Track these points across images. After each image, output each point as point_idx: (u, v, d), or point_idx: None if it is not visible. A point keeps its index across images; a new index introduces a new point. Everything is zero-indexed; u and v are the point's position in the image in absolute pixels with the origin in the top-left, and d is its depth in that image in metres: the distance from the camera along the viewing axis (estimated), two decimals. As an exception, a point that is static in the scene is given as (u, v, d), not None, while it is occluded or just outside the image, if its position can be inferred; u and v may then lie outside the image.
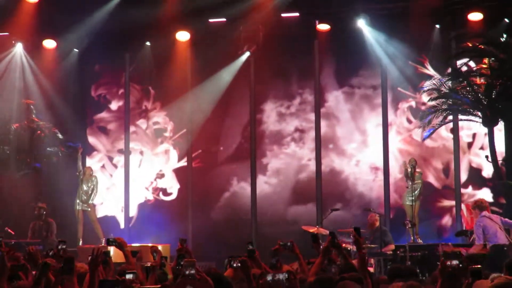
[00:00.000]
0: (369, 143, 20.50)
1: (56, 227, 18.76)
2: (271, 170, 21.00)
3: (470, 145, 19.78)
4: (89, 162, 21.05)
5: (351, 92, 20.73)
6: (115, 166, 21.77)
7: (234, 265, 7.98)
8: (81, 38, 20.75)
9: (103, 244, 18.55)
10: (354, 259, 15.11)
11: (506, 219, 14.29)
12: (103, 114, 22.00)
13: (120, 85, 21.90)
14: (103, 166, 21.79)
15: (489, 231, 13.80)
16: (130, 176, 21.53)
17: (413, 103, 20.12)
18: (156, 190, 21.50)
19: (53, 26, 20.50)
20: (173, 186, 21.51)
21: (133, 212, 21.46)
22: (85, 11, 20.11)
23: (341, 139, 20.66)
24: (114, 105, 21.96)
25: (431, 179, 19.68)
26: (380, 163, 20.10)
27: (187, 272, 5.96)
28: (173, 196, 21.45)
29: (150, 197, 21.48)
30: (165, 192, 21.48)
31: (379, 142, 20.13)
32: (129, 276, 6.93)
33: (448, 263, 6.42)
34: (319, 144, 20.49)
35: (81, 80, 21.80)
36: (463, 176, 19.73)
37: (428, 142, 19.13)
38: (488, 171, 19.15)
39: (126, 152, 21.58)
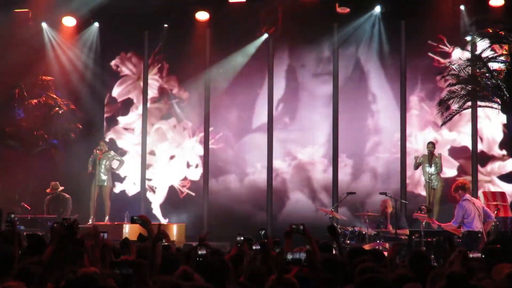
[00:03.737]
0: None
1: (72, 204, 18.87)
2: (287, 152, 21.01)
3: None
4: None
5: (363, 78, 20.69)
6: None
7: (254, 247, 8.09)
8: (100, 15, 20.82)
9: (106, 222, 18.69)
10: (368, 244, 15.23)
11: (488, 210, 14.82)
12: (128, 118, 22.07)
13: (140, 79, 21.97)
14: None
15: (469, 216, 14.50)
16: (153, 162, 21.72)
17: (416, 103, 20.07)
18: (185, 179, 21.55)
19: (72, 4, 20.53)
20: (198, 170, 21.56)
21: (162, 192, 21.59)
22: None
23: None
24: (140, 109, 22.00)
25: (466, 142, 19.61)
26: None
27: None
28: (197, 177, 21.52)
29: (178, 184, 21.55)
30: (191, 175, 21.56)
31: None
32: None
33: (471, 255, 6.43)
34: (337, 127, 20.45)
35: (102, 66, 21.94)
36: (498, 138, 19.51)
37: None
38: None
39: (143, 131, 21.68)
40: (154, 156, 21.73)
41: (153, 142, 21.81)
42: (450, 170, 19.42)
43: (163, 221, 20.70)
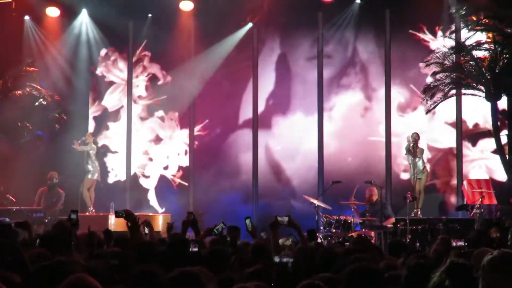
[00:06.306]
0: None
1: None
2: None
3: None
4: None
5: (352, 66, 20.71)
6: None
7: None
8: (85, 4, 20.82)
9: (91, 213, 18.62)
10: (354, 232, 15.26)
11: None
12: (119, 123, 21.86)
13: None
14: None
15: None
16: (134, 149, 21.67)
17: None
18: (178, 171, 21.53)
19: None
20: (187, 159, 21.51)
21: (155, 183, 21.58)
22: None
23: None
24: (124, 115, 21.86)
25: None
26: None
27: None
28: (186, 164, 21.48)
29: (169, 174, 21.55)
30: (182, 164, 21.55)
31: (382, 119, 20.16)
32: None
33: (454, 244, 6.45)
34: (322, 117, 20.46)
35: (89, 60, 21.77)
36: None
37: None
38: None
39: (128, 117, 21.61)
40: (147, 155, 21.68)
41: (144, 141, 21.72)
42: (448, 140, 19.70)
43: (160, 210, 20.72)
